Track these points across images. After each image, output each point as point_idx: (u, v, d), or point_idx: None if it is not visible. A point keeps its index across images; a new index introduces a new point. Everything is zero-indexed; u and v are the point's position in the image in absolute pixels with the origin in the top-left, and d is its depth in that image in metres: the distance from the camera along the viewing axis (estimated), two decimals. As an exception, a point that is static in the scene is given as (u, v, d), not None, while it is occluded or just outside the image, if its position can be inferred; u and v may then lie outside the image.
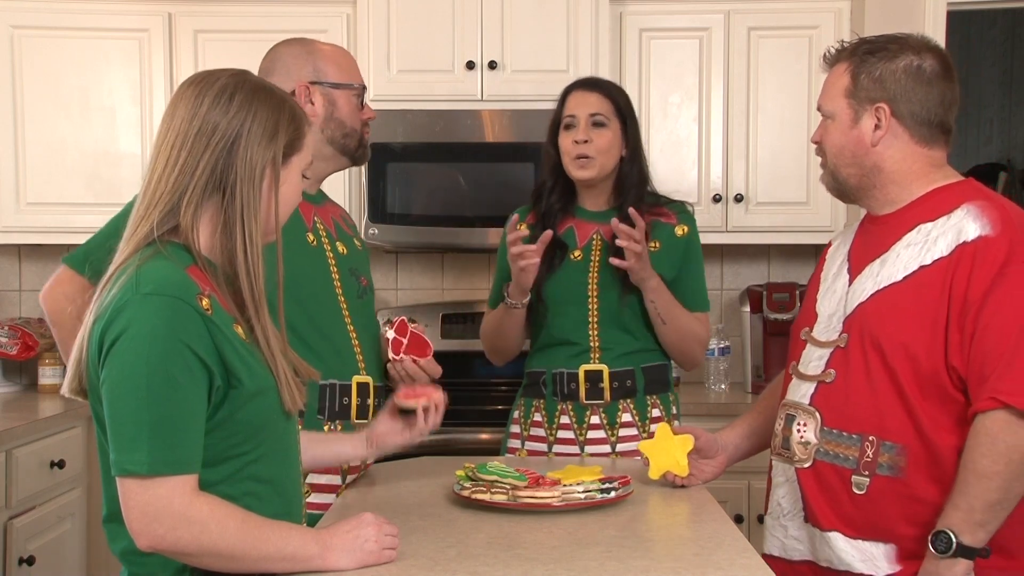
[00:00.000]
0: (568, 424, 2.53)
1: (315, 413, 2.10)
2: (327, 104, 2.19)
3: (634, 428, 2.51)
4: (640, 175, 2.56)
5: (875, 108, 1.92)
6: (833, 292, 2.00)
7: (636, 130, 2.57)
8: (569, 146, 2.52)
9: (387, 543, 1.62)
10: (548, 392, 2.55)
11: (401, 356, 2.19)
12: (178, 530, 1.45)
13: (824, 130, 2.00)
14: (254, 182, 1.56)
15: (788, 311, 3.60)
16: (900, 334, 1.84)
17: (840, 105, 1.96)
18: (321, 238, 2.18)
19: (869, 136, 1.93)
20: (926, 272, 1.85)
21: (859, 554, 1.87)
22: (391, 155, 3.47)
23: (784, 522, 2.00)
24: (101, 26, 3.59)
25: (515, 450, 2.60)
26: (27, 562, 2.93)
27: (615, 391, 2.51)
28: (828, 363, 1.93)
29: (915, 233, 1.89)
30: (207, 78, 1.59)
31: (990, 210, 1.84)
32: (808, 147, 3.58)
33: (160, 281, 1.48)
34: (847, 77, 1.95)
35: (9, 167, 3.59)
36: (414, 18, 3.51)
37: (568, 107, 2.55)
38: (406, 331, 2.21)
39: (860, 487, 1.86)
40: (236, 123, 1.55)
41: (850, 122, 1.94)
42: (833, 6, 3.58)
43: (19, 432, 2.97)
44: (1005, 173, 5.10)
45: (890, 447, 1.84)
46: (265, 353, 1.58)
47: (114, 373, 1.46)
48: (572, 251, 2.54)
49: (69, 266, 2.04)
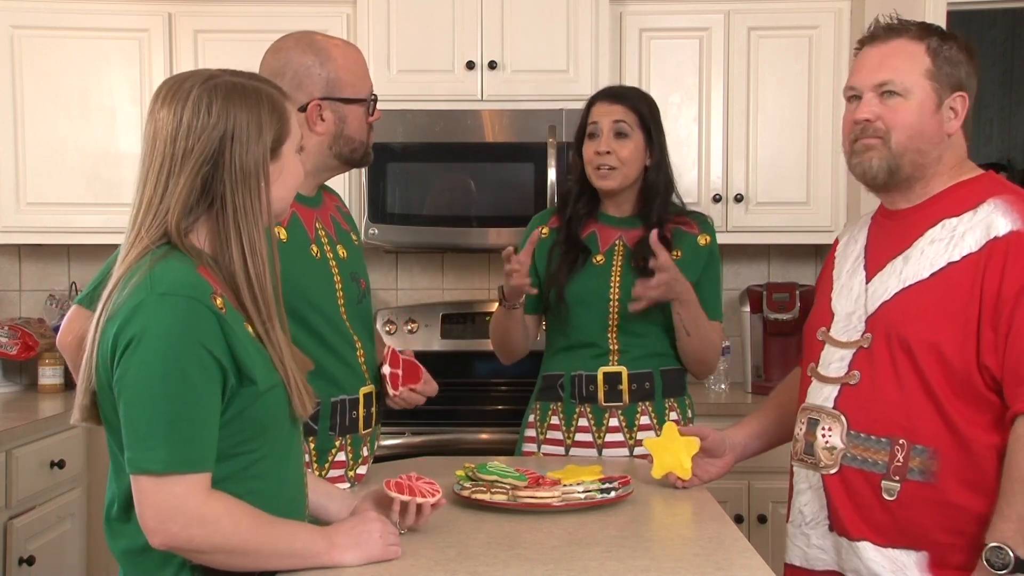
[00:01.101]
0: (587, 427, 2.53)
1: (327, 429, 2.09)
2: (338, 121, 2.13)
3: (652, 431, 2.51)
4: (666, 184, 2.57)
5: (955, 96, 1.85)
6: (849, 290, 1.93)
7: (662, 139, 2.57)
8: (591, 155, 2.54)
9: (391, 540, 1.64)
10: (566, 395, 2.55)
11: (400, 390, 2.20)
12: (192, 528, 1.46)
13: (890, 109, 1.85)
14: (249, 186, 1.55)
15: (788, 311, 3.60)
16: (929, 333, 1.78)
17: (923, 85, 1.84)
18: (323, 247, 2.15)
19: (947, 125, 1.86)
20: (955, 269, 1.79)
21: (889, 563, 1.81)
22: (391, 155, 3.47)
23: (806, 530, 1.94)
24: (101, 26, 3.59)
25: (531, 453, 2.60)
26: (27, 562, 2.93)
27: (633, 393, 2.51)
28: (851, 364, 1.87)
29: (939, 228, 1.83)
30: (178, 91, 1.55)
31: (1019, 204, 1.80)
32: (808, 147, 3.59)
33: (174, 281, 1.49)
34: (928, 58, 1.84)
35: (9, 167, 3.59)
36: (414, 18, 3.51)
37: (592, 116, 2.57)
38: (399, 362, 2.22)
39: (890, 493, 1.80)
40: (217, 134, 1.53)
41: (934, 106, 1.84)
42: (833, 6, 3.58)
43: (19, 432, 2.97)
44: (1005, 173, 5.10)
45: (921, 451, 1.78)
46: (274, 356, 1.58)
47: (131, 373, 1.46)
48: (595, 255, 2.55)
49: (79, 304, 2.03)
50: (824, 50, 3.55)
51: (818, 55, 3.57)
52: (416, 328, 3.77)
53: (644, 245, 2.48)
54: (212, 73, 1.58)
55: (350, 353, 2.15)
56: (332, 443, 2.11)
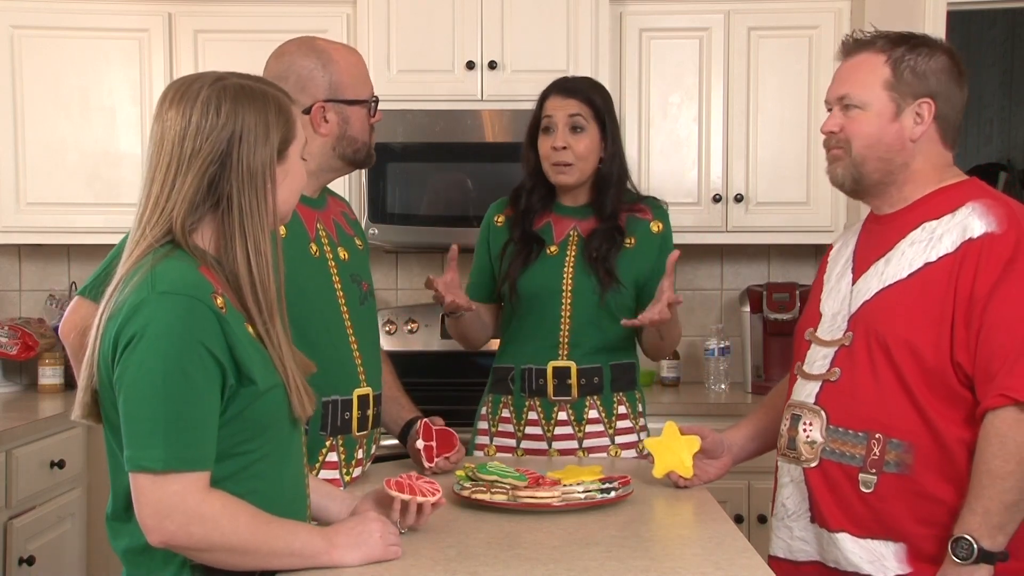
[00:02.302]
0: (536, 420, 2.53)
1: (318, 430, 2.09)
2: (341, 123, 2.16)
3: (600, 424, 2.52)
4: (619, 175, 2.55)
5: (919, 103, 1.90)
6: (837, 292, 1.99)
7: (616, 129, 2.55)
8: (547, 151, 2.51)
9: (392, 540, 1.64)
10: (516, 388, 2.55)
11: (436, 462, 2.23)
12: (190, 526, 1.46)
13: (850, 120, 1.94)
14: (255, 187, 1.56)
15: (788, 311, 3.60)
16: (905, 331, 1.83)
17: (879, 96, 1.91)
18: (323, 247, 2.16)
19: (909, 131, 1.90)
20: (931, 269, 1.84)
21: (867, 554, 1.86)
22: (391, 155, 3.47)
23: (789, 523, 1.99)
24: (101, 26, 3.59)
25: (484, 447, 2.60)
26: (27, 562, 2.93)
27: (582, 388, 2.50)
28: (833, 362, 1.93)
29: (920, 231, 1.88)
30: (187, 92, 1.56)
31: (996, 208, 1.84)
32: (808, 147, 3.59)
33: (176, 280, 1.49)
34: (887, 69, 1.90)
35: (9, 167, 3.59)
36: (414, 18, 3.52)
37: (546, 110, 2.54)
38: (432, 434, 2.24)
39: (867, 485, 1.85)
40: (225, 135, 1.54)
41: (891, 115, 1.90)
42: (833, 6, 3.58)
43: (19, 432, 2.97)
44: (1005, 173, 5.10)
45: (897, 444, 1.83)
46: (275, 357, 1.59)
47: (131, 371, 1.47)
48: (548, 246, 2.54)
49: (81, 295, 2.03)
50: (824, 50, 3.55)
51: (818, 55, 3.57)
52: (416, 328, 3.77)
53: (598, 236, 2.49)
54: (220, 75, 1.59)
55: (346, 353, 2.15)
56: (323, 443, 2.11)
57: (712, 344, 3.69)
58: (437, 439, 2.25)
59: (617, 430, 2.53)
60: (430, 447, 2.23)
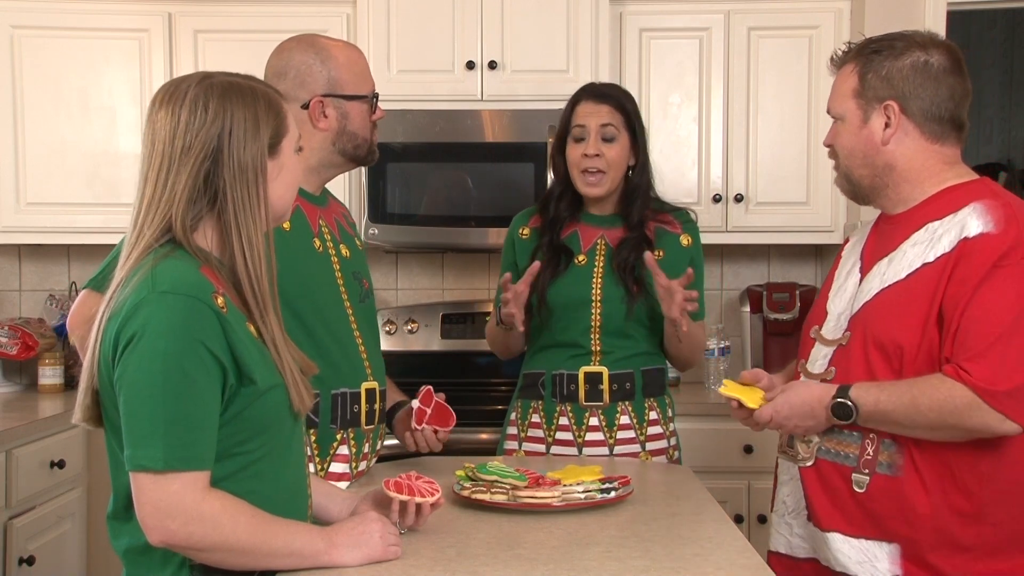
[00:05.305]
0: (567, 425, 2.53)
1: (328, 422, 2.10)
2: (340, 118, 2.16)
3: (632, 431, 2.52)
4: (647, 184, 2.56)
5: (884, 106, 1.91)
6: (844, 291, 2.00)
7: (644, 139, 2.55)
8: (578, 159, 2.50)
9: (392, 540, 1.64)
10: (547, 393, 2.54)
11: (423, 426, 2.21)
12: (190, 526, 1.47)
13: (835, 133, 2.00)
14: (247, 183, 1.56)
15: (788, 311, 3.60)
16: (898, 332, 1.84)
17: (849, 106, 1.95)
18: (326, 242, 2.18)
19: (879, 135, 1.92)
20: (928, 269, 1.84)
21: (857, 554, 1.87)
22: (391, 155, 3.46)
23: (789, 520, 2.01)
24: (101, 26, 3.59)
25: (512, 451, 2.60)
26: (27, 562, 2.93)
27: (614, 393, 2.50)
28: (831, 361, 1.94)
29: (923, 232, 1.88)
30: (175, 92, 1.58)
31: (996, 208, 1.83)
32: (808, 147, 3.59)
33: (176, 280, 1.50)
34: (854, 78, 1.94)
35: (9, 167, 3.59)
36: (414, 18, 3.51)
37: (577, 117, 2.52)
38: (431, 401, 2.24)
39: (860, 485, 1.86)
40: (215, 130, 1.55)
41: (859, 122, 1.94)
42: (833, 6, 3.58)
43: (19, 432, 2.97)
44: (1005, 173, 5.10)
45: (889, 444, 1.84)
46: (272, 352, 1.59)
47: (131, 370, 1.47)
48: (576, 256, 2.54)
49: (88, 288, 2.04)
50: (824, 50, 3.54)
51: (818, 55, 3.57)
52: (416, 328, 3.77)
53: (626, 246, 2.49)
54: (207, 74, 1.61)
55: (351, 346, 2.16)
56: (334, 436, 2.12)
57: (712, 344, 3.69)
58: (434, 410, 2.24)
59: (648, 436, 2.53)
60: (423, 411, 2.22)
